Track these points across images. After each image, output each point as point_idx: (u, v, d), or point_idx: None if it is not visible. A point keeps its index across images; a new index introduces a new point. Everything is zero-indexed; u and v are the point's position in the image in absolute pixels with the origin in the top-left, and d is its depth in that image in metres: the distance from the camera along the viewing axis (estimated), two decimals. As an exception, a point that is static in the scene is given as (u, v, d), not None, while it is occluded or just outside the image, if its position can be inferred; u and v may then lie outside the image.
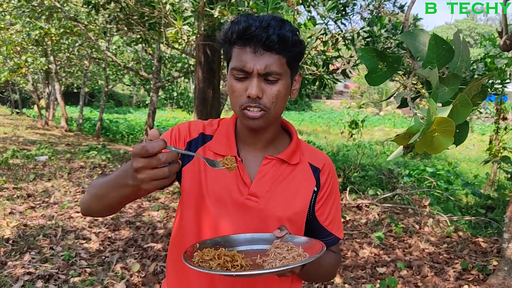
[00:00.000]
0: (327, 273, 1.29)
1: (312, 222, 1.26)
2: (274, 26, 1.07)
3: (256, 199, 1.18)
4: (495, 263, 4.03)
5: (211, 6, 4.56)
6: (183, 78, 15.20)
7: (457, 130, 1.15)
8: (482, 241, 4.77)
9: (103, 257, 3.91)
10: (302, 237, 1.12)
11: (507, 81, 6.95)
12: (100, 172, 7.54)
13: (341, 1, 5.40)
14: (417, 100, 1.29)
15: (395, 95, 1.29)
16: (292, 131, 1.30)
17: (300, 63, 1.19)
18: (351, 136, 16.00)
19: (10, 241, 4.09)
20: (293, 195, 1.21)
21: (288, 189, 1.21)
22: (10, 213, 4.92)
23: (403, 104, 1.23)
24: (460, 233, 5.04)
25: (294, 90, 1.20)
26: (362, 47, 1.16)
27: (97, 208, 1.13)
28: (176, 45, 7.38)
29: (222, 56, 5.66)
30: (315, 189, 1.25)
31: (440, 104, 1.04)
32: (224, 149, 1.22)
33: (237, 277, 1.04)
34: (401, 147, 1.06)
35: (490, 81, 6.99)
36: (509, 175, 6.57)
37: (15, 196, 5.63)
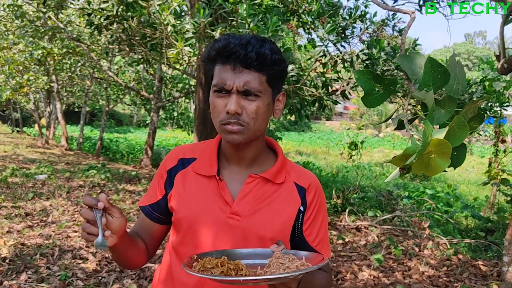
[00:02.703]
0: None
1: (300, 243, 1.25)
2: (253, 44, 1.09)
3: (238, 218, 1.18)
4: (495, 286, 3.99)
5: (212, 28, 4.62)
6: (183, 98, 15.29)
7: (455, 153, 1.16)
8: (482, 264, 4.73)
9: (100, 277, 3.87)
10: (302, 251, 1.12)
11: (506, 104, 6.99)
12: (99, 191, 7.51)
13: (341, 24, 5.48)
14: (416, 121, 1.30)
15: (393, 116, 1.30)
16: (278, 150, 1.30)
17: (283, 83, 1.21)
18: (351, 157, 16.00)
19: (7, 260, 4.05)
20: (277, 214, 1.20)
21: (271, 208, 1.20)
22: (7, 231, 4.89)
23: (400, 126, 1.24)
24: (460, 256, 5.01)
25: (277, 109, 1.21)
26: (359, 69, 1.17)
27: (126, 267, 1.28)
28: (177, 66, 7.46)
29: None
30: (301, 208, 1.24)
31: (437, 126, 1.06)
32: (205, 169, 1.23)
33: (244, 284, 1.03)
34: (398, 168, 1.07)
35: (489, 104, 7.04)
36: (508, 198, 6.55)
37: (13, 214, 5.60)
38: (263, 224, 1.18)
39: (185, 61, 5.40)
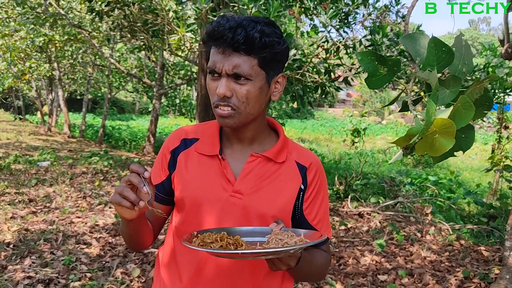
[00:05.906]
0: (318, 271, 1.27)
1: (300, 222, 1.25)
2: (244, 26, 1.05)
3: (240, 196, 1.19)
4: (496, 271, 4.01)
5: (214, 13, 4.58)
6: (185, 85, 15.25)
7: (463, 135, 1.15)
8: (484, 250, 4.74)
9: (104, 262, 3.90)
10: (301, 229, 1.12)
11: (509, 90, 6.95)
12: (101, 178, 7.54)
13: (343, 10, 5.43)
14: (419, 108, 1.29)
15: (398, 99, 1.29)
16: (279, 130, 1.30)
17: (284, 64, 1.18)
18: (353, 144, 15.97)
19: (11, 246, 4.08)
20: (278, 192, 1.21)
21: (273, 187, 1.21)
22: (11, 217, 4.93)
23: (404, 107, 1.23)
24: (462, 242, 5.02)
25: (276, 92, 1.19)
26: (361, 51, 1.15)
27: (133, 246, 1.30)
28: (179, 52, 7.41)
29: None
30: (302, 187, 1.24)
31: (442, 107, 1.04)
32: (208, 148, 1.24)
33: (243, 257, 1.04)
34: (401, 149, 1.06)
35: (493, 90, 6.99)
36: (511, 184, 6.55)
37: (16, 201, 5.64)
38: (265, 202, 1.19)
39: (186, 47, 5.36)
